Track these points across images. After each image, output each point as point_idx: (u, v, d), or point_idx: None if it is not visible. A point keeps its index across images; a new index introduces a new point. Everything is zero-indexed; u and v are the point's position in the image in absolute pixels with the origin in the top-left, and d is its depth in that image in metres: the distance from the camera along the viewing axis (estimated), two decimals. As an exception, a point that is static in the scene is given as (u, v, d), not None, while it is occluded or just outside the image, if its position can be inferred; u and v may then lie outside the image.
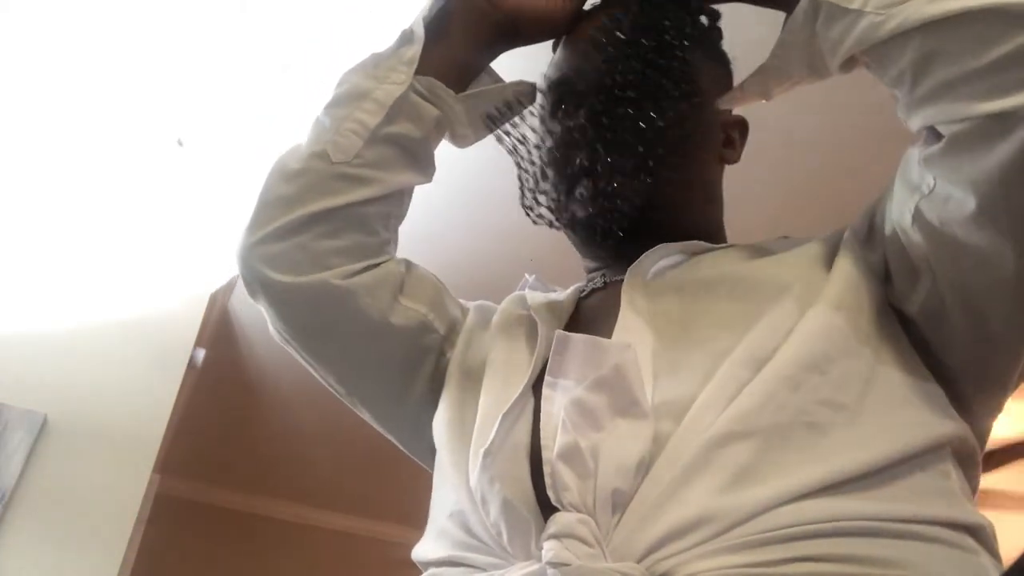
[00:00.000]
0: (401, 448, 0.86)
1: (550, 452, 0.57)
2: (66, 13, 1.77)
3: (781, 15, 0.69)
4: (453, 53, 0.79)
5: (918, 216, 0.61)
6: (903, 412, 0.60)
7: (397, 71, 0.76)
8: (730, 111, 0.82)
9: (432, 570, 0.66)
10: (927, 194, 0.60)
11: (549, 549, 0.53)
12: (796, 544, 0.51)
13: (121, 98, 1.95)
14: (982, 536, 0.57)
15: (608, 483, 0.55)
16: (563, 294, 0.79)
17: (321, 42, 1.74)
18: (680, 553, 0.51)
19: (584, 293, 0.78)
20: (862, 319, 0.63)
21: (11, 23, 1.79)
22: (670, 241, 0.73)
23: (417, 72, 0.76)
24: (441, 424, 0.73)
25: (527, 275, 0.88)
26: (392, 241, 0.81)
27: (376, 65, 0.77)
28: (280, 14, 1.75)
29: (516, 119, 0.83)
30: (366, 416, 0.84)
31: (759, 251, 0.72)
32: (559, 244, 0.85)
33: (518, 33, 0.82)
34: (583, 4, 0.82)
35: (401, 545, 0.73)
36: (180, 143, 2.03)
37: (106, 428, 2.04)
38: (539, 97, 0.82)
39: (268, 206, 0.75)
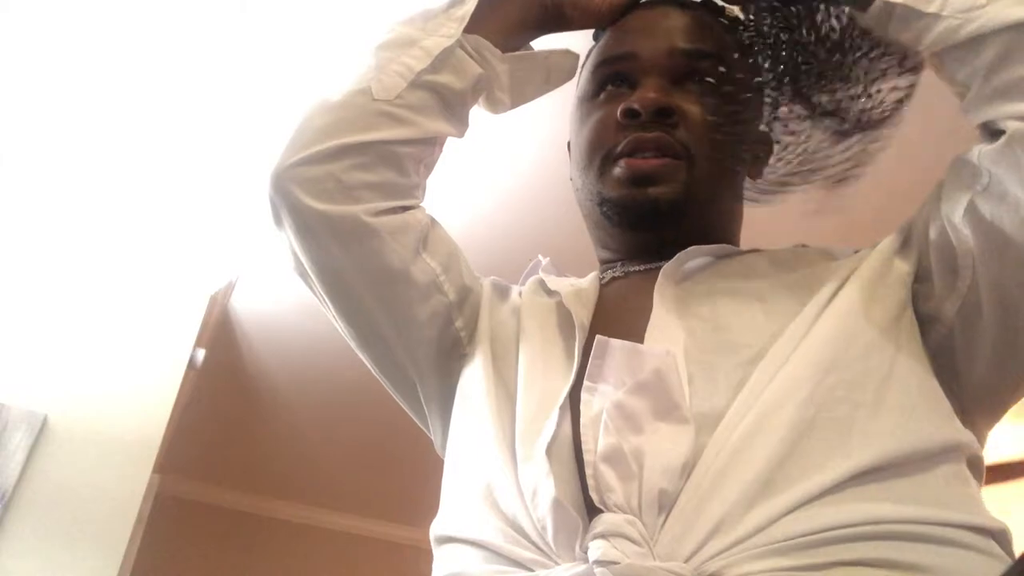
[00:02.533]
0: (400, 403, 0.86)
1: (591, 454, 0.57)
2: (66, 14, 1.78)
3: None
4: (501, 22, 0.81)
5: (971, 211, 0.63)
6: (920, 410, 0.61)
7: (447, 25, 0.78)
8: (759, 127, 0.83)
9: (460, 547, 0.64)
10: (981, 190, 0.62)
11: (597, 548, 0.53)
12: (841, 547, 0.52)
13: (121, 98, 1.95)
14: (1004, 541, 0.57)
15: (654, 484, 0.55)
16: (584, 281, 0.79)
17: (321, 42, 1.74)
18: (725, 552, 0.52)
19: (604, 281, 0.78)
20: (874, 325, 0.64)
21: (11, 23, 1.79)
22: (693, 239, 0.74)
23: (465, 30, 0.78)
24: (474, 403, 0.72)
25: (540, 256, 0.87)
26: (422, 187, 0.81)
27: (426, 19, 0.79)
28: (280, 14, 1.75)
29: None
30: (369, 365, 0.84)
31: (785, 259, 0.73)
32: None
33: (563, 20, 0.84)
34: (633, 4, 0.84)
35: (402, 545, 0.72)
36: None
37: (106, 428, 2.04)
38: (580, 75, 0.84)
39: (305, 132, 0.74)
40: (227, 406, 3.16)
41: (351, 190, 0.73)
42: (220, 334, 2.69)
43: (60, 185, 2.17)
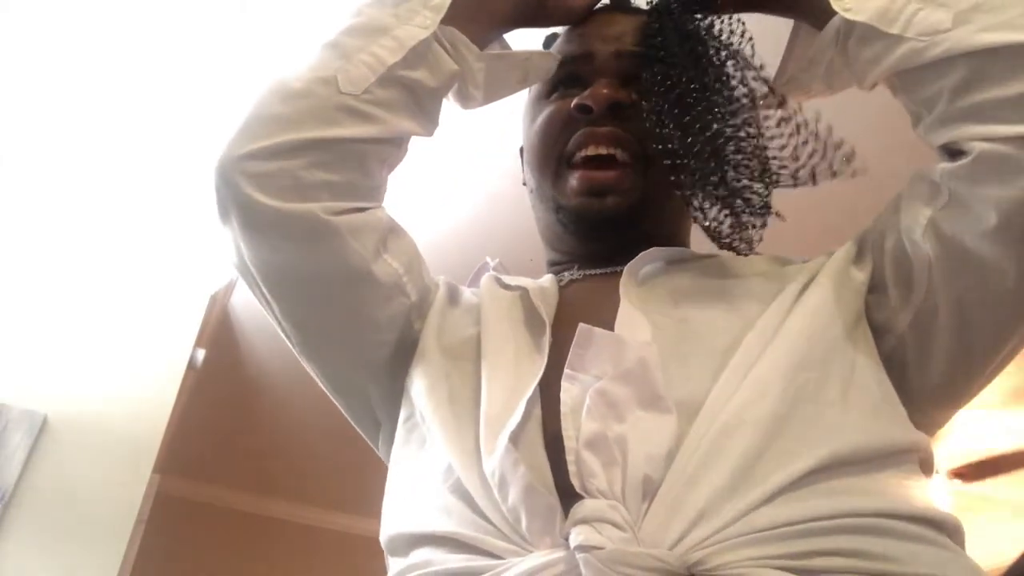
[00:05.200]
0: (344, 414, 0.82)
1: (573, 440, 0.56)
2: (66, 14, 1.78)
3: (772, 30, 0.71)
4: (478, 13, 0.77)
5: (931, 226, 0.64)
6: (882, 412, 0.62)
7: (421, 14, 0.73)
8: None
9: (425, 548, 0.62)
10: (942, 207, 0.63)
11: (579, 533, 0.52)
12: (817, 539, 0.52)
13: (122, 99, 1.95)
14: (956, 535, 0.58)
15: (639, 471, 0.54)
16: (544, 281, 0.78)
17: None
18: (709, 539, 0.51)
19: (563, 283, 0.78)
20: (837, 328, 0.65)
21: (11, 23, 1.79)
22: (649, 241, 0.74)
23: (441, 21, 0.73)
24: (426, 401, 0.69)
25: (488, 259, 0.87)
26: (384, 187, 0.76)
27: (396, 4, 0.73)
28: (280, 14, 1.75)
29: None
30: (314, 372, 0.79)
31: (742, 263, 0.74)
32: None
33: (542, 14, 0.83)
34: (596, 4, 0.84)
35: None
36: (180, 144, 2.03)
37: (106, 428, 2.04)
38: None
39: (259, 121, 0.68)
40: (227, 406, 3.16)
41: (309, 189, 0.68)
42: (220, 334, 2.69)
43: (60, 185, 2.17)
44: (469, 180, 2.18)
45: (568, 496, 0.55)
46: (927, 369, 0.66)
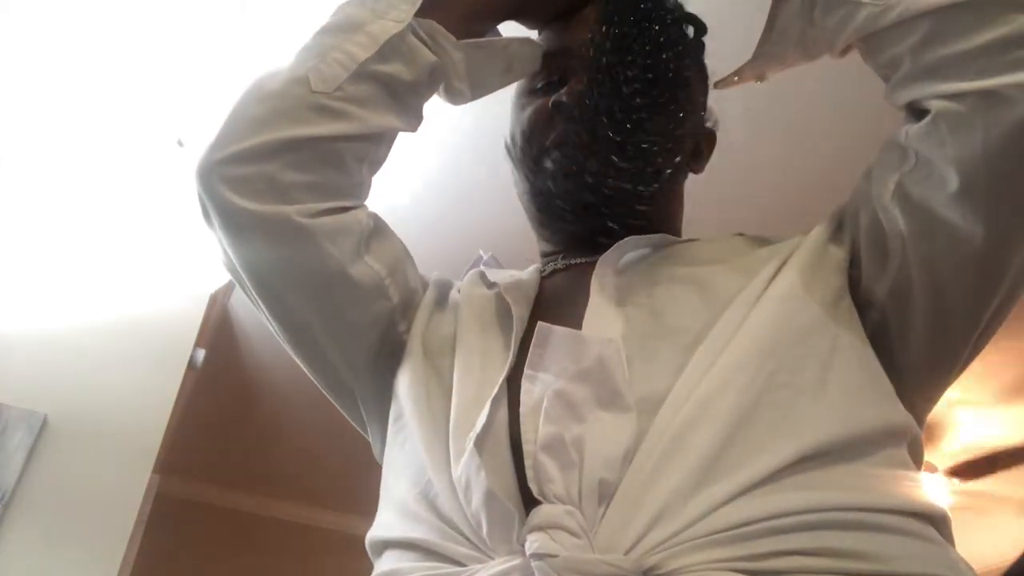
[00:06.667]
0: (336, 406, 0.83)
1: (531, 444, 0.55)
2: (66, 13, 1.78)
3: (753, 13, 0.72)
4: (455, 5, 0.76)
5: (899, 190, 0.64)
6: (862, 394, 0.61)
7: (398, 8, 0.72)
8: (703, 123, 0.82)
9: (395, 552, 0.62)
10: (909, 171, 0.63)
11: (534, 540, 0.51)
12: (781, 537, 0.50)
13: (121, 98, 1.95)
14: (942, 526, 0.56)
15: (595, 474, 0.53)
16: (524, 273, 0.78)
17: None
18: (665, 543, 0.50)
19: (545, 273, 0.77)
20: (812, 311, 0.64)
21: (11, 23, 1.79)
22: (633, 231, 0.73)
23: (418, 14, 0.72)
24: (407, 402, 0.70)
25: (481, 252, 0.86)
26: (365, 186, 0.76)
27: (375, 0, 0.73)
28: (280, 14, 1.75)
29: None
30: (306, 370, 0.80)
31: (722, 247, 0.73)
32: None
33: (522, 10, 0.82)
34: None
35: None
36: (180, 143, 2.03)
37: (106, 428, 2.04)
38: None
39: (236, 124, 0.69)
40: (227, 406, 3.16)
41: (284, 190, 0.68)
42: (220, 334, 2.69)
43: (60, 184, 2.17)
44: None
45: (533, 500, 0.54)
46: (909, 343, 0.66)
